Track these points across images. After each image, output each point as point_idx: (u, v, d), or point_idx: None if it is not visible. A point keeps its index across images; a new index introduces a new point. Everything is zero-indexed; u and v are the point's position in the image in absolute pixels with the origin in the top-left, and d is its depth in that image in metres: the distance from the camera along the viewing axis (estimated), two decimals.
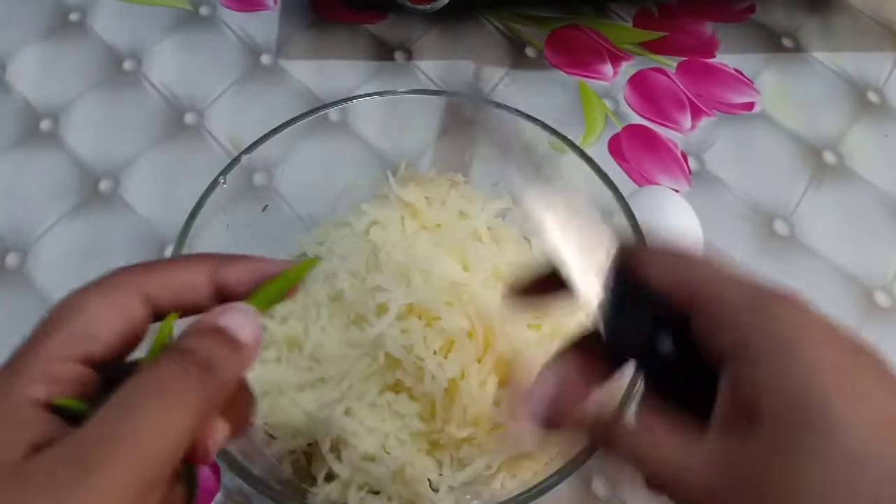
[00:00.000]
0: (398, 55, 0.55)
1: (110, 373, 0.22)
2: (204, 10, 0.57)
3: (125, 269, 0.23)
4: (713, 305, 0.22)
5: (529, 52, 0.56)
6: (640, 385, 0.27)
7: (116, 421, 0.19)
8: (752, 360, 0.20)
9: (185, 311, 0.23)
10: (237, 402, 0.24)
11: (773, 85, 0.55)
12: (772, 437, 0.19)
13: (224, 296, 0.24)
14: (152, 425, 0.19)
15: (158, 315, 0.23)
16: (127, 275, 0.23)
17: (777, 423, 0.19)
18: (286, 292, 0.24)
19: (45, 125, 0.51)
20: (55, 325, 0.22)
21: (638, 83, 0.55)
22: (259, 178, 0.41)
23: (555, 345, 0.26)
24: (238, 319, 0.22)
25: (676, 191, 0.47)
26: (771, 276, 0.47)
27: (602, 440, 0.23)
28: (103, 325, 0.22)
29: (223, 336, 0.22)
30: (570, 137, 0.39)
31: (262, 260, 0.24)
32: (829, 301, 0.46)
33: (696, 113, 0.53)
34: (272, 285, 0.24)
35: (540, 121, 0.40)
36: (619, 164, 0.51)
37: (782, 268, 0.47)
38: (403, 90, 0.43)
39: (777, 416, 0.19)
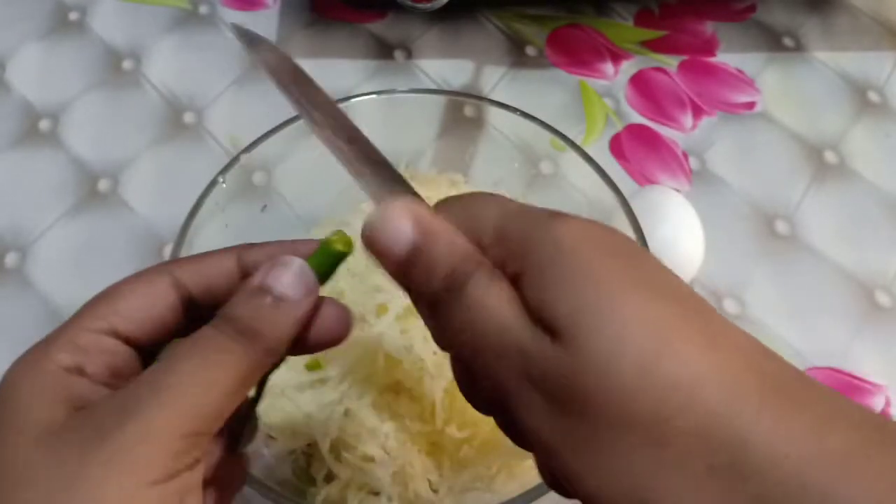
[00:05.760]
0: (398, 54, 0.55)
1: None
2: (203, 9, 0.57)
3: (158, 263, 0.25)
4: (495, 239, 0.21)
5: (530, 51, 0.56)
6: None
7: (156, 378, 0.20)
8: (533, 277, 0.20)
9: (217, 295, 0.24)
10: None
11: (774, 84, 0.55)
12: (573, 350, 0.19)
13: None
14: (191, 381, 0.20)
15: (193, 300, 0.24)
16: (159, 265, 0.24)
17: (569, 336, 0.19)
18: (335, 263, 0.24)
19: (44, 125, 0.51)
20: (86, 306, 0.23)
21: (639, 82, 0.54)
22: (258, 178, 0.41)
23: None
24: (281, 274, 0.22)
25: (677, 190, 0.47)
26: (772, 275, 0.47)
27: (459, 283, 0.21)
28: (129, 303, 0.23)
29: (266, 295, 0.22)
30: (570, 137, 0.39)
31: (284, 242, 0.25)
32: (830, 300, 0.46)
33: (697, 112, 0.53)
34: (312, 260, 0.23)
35: (541, 120, 0.40)
36: (620, 163, 0.50)
37: (783, 267, 0.47)
38: (403, 89, 0.43)
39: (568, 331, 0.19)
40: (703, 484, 0.17)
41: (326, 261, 0.24)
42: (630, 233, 0.36)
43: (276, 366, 0.23)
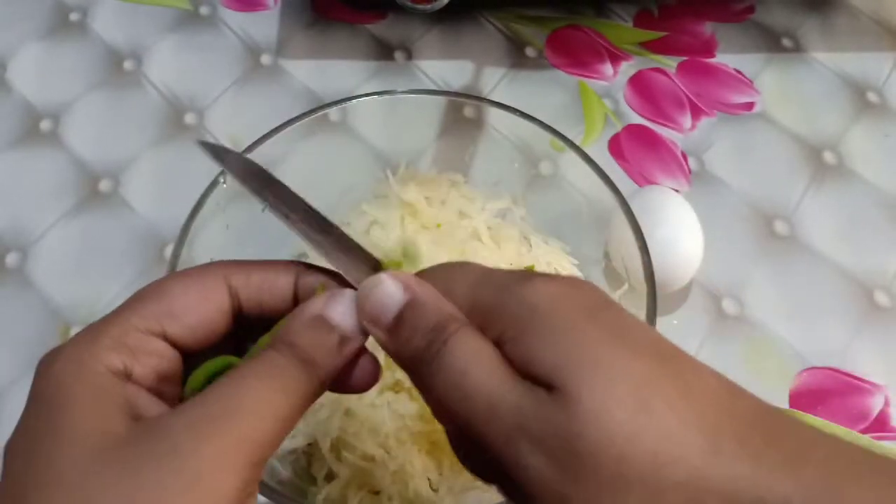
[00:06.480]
0: (398, 55, 0.55)
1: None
2: (204, 10, 0.57)
3: (214, 262, 0.24)
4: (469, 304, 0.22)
5: (529, 52, 0.56)
6: None
7: (231, 397, 0.20)
8: (514, 338, 0.20)
9: (266, 312, 0.23)
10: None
11: (773, 85, 0.55)
12: (562, 405, 0.19)
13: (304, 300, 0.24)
14: (262, 406, 0.20)
15: (242, 306, 0.23)
16: (214, 265, 0.23)
17: (560, 391, 0.19)
18: None
19: (45, 125, 0.51)
20: (135, 302, 0.22)
21: (638, 83, 0.55)
22: None
23: None
24: (344, 310, 0.22)
25: (676, 191, 0.47)
26: (771, 276, 0.48)
27: (425, 363, 0.21)
28: (184, 306, 0.22)
29: (329, 329, 0.22)
30: (570, 137, 0.39)
31: (339, 274, 0.24)
32: (829, 301, 0.46)
33: (696, 113, 0.53)
34: None
35: (540, 121, 0.40)
36: (619, 163, 0.51)
37: (782, 268, 0.47)
38: (403, 90, 0.43)
39: (556, 383, 0.19)
40: None
41: None
42: (629, 233, 0.36)
43: None
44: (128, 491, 0.18)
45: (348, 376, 0.23)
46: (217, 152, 0.28)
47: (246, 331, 0.24)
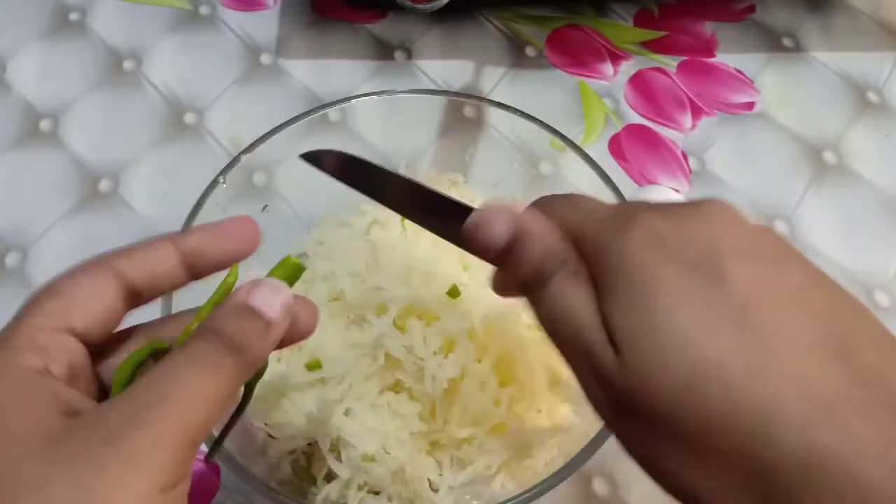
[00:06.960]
0: (398, 55, 0.55)
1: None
2: (204, 10, 0.57)
3: (97, 255, 0.25)
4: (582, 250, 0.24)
5: (529, 51, 0.56)
6: None
7: (162, 385, 0.21)
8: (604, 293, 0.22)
9: (161, 285, 0.24)
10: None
11: (774, 85, 0.55)
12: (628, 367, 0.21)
13: (193, 265, 0.25)
14: (193, 392, 0.21)
15: (136, 290, 0.24)
16: (96, 257, 0.24)
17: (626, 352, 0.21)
18: (294, 277, 0.25)
19: (44, 125, 0.51)
20: (33, 306, 0.23)
21: (638, 83, 0.55)
22: (259, 178, 0.41)
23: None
24: (268, 297, 0.23)
25: (677, 190, 0.47)
26: None
27: (538, 285, 0.24)
28: (80, 299, 0.23)
29: (255, 317, 0.23)
30: (570, 137, 0.39)
31: (215, 225, 0.26)
32: None
33: (697, 112, 0.53)
34: (277, 272, 0.25)
35: (540, 120, 0.40)
36: (619, 163, 0.51)
37: None
38: (403, 90, 0.43)
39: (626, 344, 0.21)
40: (742, 491, 0.19)
41: (289, 274, 0.25)
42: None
43: (259, 375, 0.25)
44: (68, 475, 0.19)
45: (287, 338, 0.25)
46: (314, 159, 0.31)
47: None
